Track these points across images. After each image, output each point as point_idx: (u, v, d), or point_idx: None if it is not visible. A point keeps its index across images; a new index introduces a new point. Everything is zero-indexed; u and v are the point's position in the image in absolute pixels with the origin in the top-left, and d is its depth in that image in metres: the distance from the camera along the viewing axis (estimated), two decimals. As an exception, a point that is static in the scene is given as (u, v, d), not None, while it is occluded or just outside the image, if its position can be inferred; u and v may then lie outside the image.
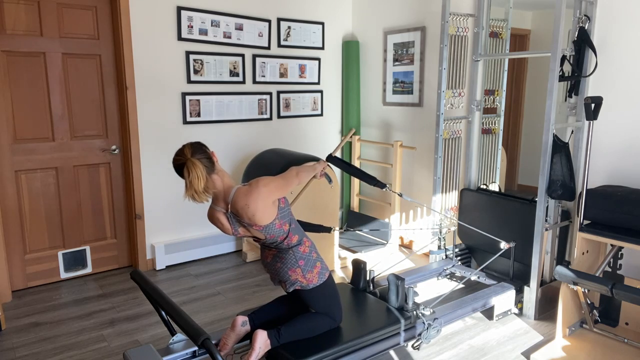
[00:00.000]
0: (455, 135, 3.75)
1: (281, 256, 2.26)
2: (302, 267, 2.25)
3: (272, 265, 2.31)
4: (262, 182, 2.12)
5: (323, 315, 2.34)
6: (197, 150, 2.08)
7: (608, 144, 3.06)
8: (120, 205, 3.89)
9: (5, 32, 3.28)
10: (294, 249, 2.25)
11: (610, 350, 2.68)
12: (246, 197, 2.09)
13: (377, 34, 4.54)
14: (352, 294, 2.81)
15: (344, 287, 2.90)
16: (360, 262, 2.88)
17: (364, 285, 2.88)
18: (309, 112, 4.66)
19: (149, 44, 3.71)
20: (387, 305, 2.67)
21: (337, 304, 2.38)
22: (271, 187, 2.13)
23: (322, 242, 3.78)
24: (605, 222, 2.74)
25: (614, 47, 2.97)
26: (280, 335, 2.21)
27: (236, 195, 2.12)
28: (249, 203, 2.09)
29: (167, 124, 3.88)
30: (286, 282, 2.28)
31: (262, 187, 2.10)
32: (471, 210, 3.61)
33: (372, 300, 2.75)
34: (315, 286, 2.28)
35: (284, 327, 2.24)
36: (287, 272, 2.26)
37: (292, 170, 2.28)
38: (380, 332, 2.44)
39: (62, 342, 2.85)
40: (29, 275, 3.58)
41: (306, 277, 2.26)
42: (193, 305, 3.32)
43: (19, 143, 3.43)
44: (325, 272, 2.33)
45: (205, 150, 2.11)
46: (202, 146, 2.12)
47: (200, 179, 2.01)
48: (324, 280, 2.31)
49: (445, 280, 3.64)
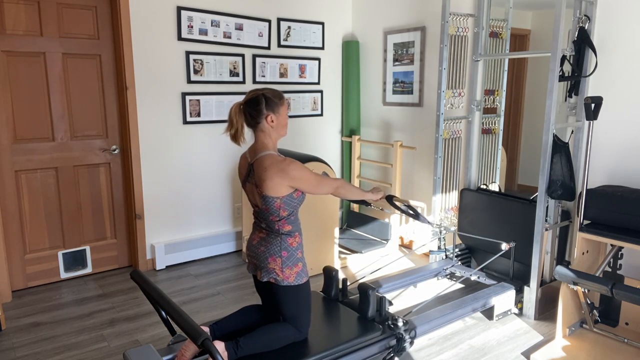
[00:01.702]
0: (455, 135, 3.75)
1: (268, 240, 2.20)
2: (284, 258, 2.17)
3: (256, 247, 2.25)
4: (293, 166, 2.10)
5: (287, 326, 2.23)
6: (254, 103, 2.12)
7: (608, 144, 3.06)
8: (120, 205, 3.89)
9: (5, 32, 3.28)
10: (282, 236, 2.19)
11: (610, 350, 2.68)
12: (271, 164, 2.11)
13: (377, 34, 4.54)
14: (323, 303, 2.68)
15: (315, 295, 2.77)
16: (331, 269, 2.76)
17: (336, 294, 2.76)
18: (309, 112, 4.66)
19: (149, 44, 3.71)
20: (358, 316, 2.53)
21: (307, 314, 2.27)
22: (297, 175, 2.11)
23: (323, 242, 3.78)
24: (605, 222, 2.74)
25: (614, 47, 2.97)
26: (239, 347, 2.10)
27: (265, 157, 2.14)
28: (268, 169, 2.10)
29: (167, 124, 3.88)
30: (262, 269, 2.20)
31: (290, 170, 2.09)
32: (471, 210, 3.61)
33: (343, 309, 2.61)
34: (289, 284, 2.18)
35: (243, 338, 2.13)
36: (267, 259, 2.18)
37: (336, 181, 2.26)
38: (349, 344, 2.30)
39: (62, 342, 2.85)
40: (29, 275, 3.58)
41: (284, 272, 2.17)
42: (193, 305, 3.32)
43: (19, 143, 3.43)
44: (304, 276, 2.24)
45: (261, 109, 2.12)
46: (262, 103, 2.12)
47: (234, 125, 2.13)
48: (300, 282, 2.21)
49: (445, 280, 3.64)
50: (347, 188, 2.32)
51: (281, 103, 2.17)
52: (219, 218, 4.25)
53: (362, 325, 2.45)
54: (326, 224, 3.77)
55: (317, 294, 2.80)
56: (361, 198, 2.39)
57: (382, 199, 2.48)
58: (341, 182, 2.29)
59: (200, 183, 4.12)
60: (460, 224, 3.70)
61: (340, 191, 2.28)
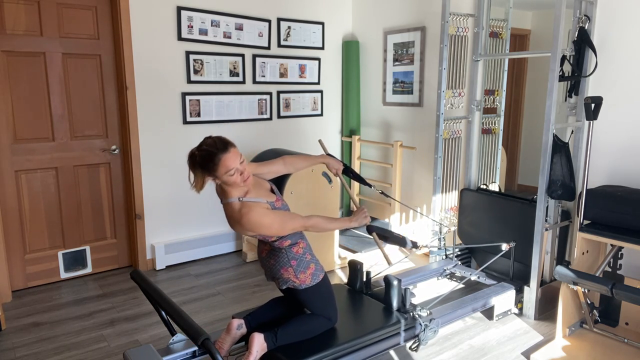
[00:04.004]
0: (455, 135, 3.75)
1: (275, 254, 2.26)
2: (295, 267, 2.24)
3: (266, 260, 2.32)
4: (247, 218, 2.05)
5: (319, 316, 2.33)
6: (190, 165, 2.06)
7: (608, 144, 3.06)
8: (120, 205, 3.89)
9: (5, 32, 3.28)
10: (286, 248, 2.24)
11: (610, 350, 2.67)
12: (230, 217, 2.14)
13: (377, 34, 4.54)
14: (348, 295, 2.79)
15: (340, 288, 2.88)
16: (356, 263, 2.86)
17: (361, 287, 2.86)
18: (309, 112, 4.66)
19: (149, 44, 3.71)
20: (383, 307, 2.65)
21: (332, 304, 2.37)
22: (253, 227, 2.07)
23: (323, 242, 3.78)
24: (605, 222, 2.74)
25: (614, 47, 2.97)
26: (277, 338, 2.21)
27: (227, 205, 2.14)
28: (229, 220, 2.15)
29: (167, 124, 3.88)
30: (279, 279, 2.28)
31: (245, 223, 2.06)
32: (471, 211, 3.61)
33: (369, 301, 2.73)
34: (308, 287, 2.26)
35: (281, 329, 2.23)
36: (279, 270, 2.25)
37: (307, 219, 2.18)
38: (377, 334, 2.42)
39: (62, 342, 2.85)
40: (29, 275, 3.58)
41: (298, 278, 2.24)
42: (193, 305, 3.32)
43: (19, 143, 3.43)
44: (320, 273, 2.31)
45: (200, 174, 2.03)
46: (199, 168, 2.03)
47: (197, 181, 2.06)
48: (318, 281, 2.29)
49: (445, 280, 3.64)
50: (322, 225, 2.24)
51: (215, 164, 1.99)
52: (219, 218, 4.25)
53: (388, 315, 2.57)
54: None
55: (342, 286, 2.91)
56: (343, 228, 2.39)
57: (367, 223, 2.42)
58: (314, 222, 2.21)
59: (200, 183, 4.11)
60: (460, 224, 3.70)
61: (311, 230, 2.23)
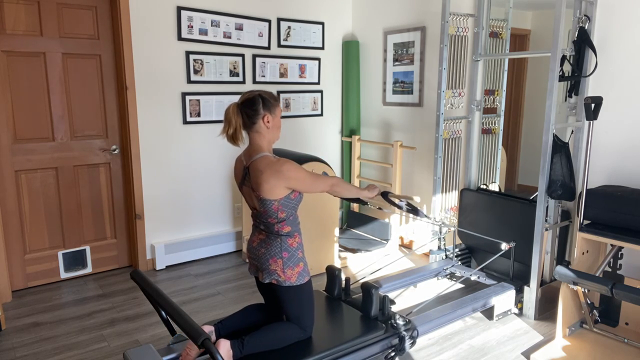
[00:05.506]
0: (455, 135, 3.75)
1: (268, 242, 2.21)
2: (285, 259, 2.18)
3: (256, 249, 2.25)
4: (287, 166, 2.10)
5: (292, 325, 2.24)
6: (251, 103, 2.13)
7: (608, 144, 3.06)
8: (120, 205, 3.89)
9: (5, 32, 3.28)
10: (282, 237, 2.19)
11: (610, 350, 2.68)
12: (266, 166, 2.11)
13: (377, 34, 4.54)
14: (325, 302, 2.69)
15: (318, 294, 2.77)
16: (334, 268, 2.76)
17: (339, 293, 2.76)
18: (309, 112, 4.66)
19: (149, 44, 3.71)
20: (360, 315, 2.54)
21: (310, 314, 2.28)
22: (292, 175, 2.11)
23: (323, 242, 3.78)
24: (605, 222, 2.74)
25: (614, 47, 2.97)
26: (244, 346, 2.11)
27: (260, 159, 2.13)
28: (264, 171, 2.10)
29: (167, 124, 3.88)
30: (264, 270, 2.20)
31: (285, 170, 2.09)
32: (471, 210, 3.61)
33: (347, 309, 2.62)
34: (291, 285, 2.19)
35: (248, 336, 2.14)
36: (268, 260, 2.19)
37: (332, 179, 2.26)
38: (352, 343, 2.31)
39: (62, 342, 2.85)
40: (29, 275, 3.58)
41: (285, 272, 2.18)
42: (193, 305, 3.32)
43: (19, 143, 3.43)
44: (306, 275, 2.25)
45: (257, 109, 2.13)
46: (258, 104, 2.13)
47: (232, 125, 2.11)
48: (302, 282, 2.22)
49: (445, 280, 3.64)
50: (343, 186, 2.31)
51: (277, 104, 2.19)
52: (219, 218, 4.25)
53: (365, 324, 2.46)
54: (326, 224, 3.77)
55: (320, 293, 2.80)
56: (356, 196, 2.40)
57: (378, 195, 2.48)
58: (336, 180, 2.29)
59: (200, 183, 4.12)
60: (460, 224, 3.70)
61: (335, 189, 2.28)
